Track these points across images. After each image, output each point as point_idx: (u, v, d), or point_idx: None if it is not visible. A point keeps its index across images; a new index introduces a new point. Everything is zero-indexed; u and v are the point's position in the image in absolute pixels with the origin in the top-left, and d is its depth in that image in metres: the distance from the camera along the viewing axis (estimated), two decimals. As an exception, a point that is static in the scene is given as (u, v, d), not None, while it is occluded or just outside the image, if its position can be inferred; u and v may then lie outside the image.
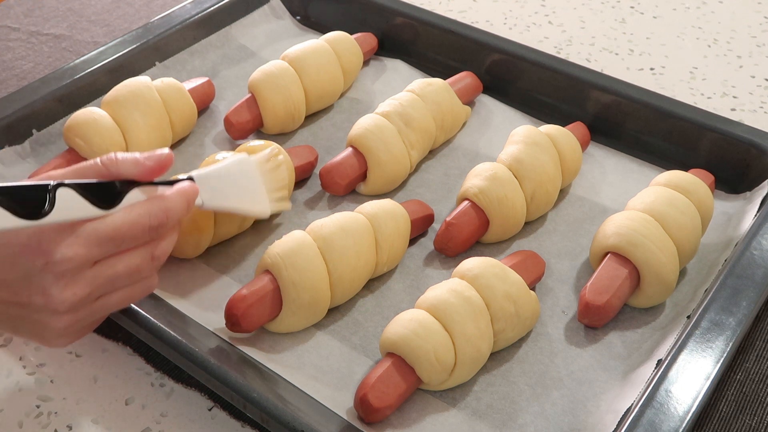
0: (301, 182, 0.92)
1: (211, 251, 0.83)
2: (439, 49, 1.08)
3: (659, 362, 0.69)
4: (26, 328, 0.62)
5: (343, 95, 1.05)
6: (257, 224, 0.86)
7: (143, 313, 0.70)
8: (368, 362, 0.73)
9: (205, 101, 1.01)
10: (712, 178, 0.88)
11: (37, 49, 1.15)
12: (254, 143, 0.85)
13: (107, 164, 0.63)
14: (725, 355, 0.67)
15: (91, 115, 0.88)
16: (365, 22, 1.14)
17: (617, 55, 1.17)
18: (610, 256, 0.77)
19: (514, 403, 0.70)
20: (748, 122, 1.02)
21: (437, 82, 0.96)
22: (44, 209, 0.57)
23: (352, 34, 1.07)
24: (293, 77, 0.97)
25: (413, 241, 0.85)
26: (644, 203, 0.80)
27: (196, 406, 0.71)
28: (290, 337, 0.75)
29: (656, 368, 0.68)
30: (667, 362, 0.66)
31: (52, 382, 0.73)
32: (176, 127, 0.94)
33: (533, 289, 0.79)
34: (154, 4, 1.26)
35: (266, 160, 0.78)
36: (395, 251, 0.79)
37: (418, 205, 0.85)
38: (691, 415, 0.62)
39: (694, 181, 0.82)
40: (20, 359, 0.75)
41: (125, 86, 0.92)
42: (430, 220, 0.86)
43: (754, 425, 0.69)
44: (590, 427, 0.68)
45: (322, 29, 1.14)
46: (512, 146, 0.87)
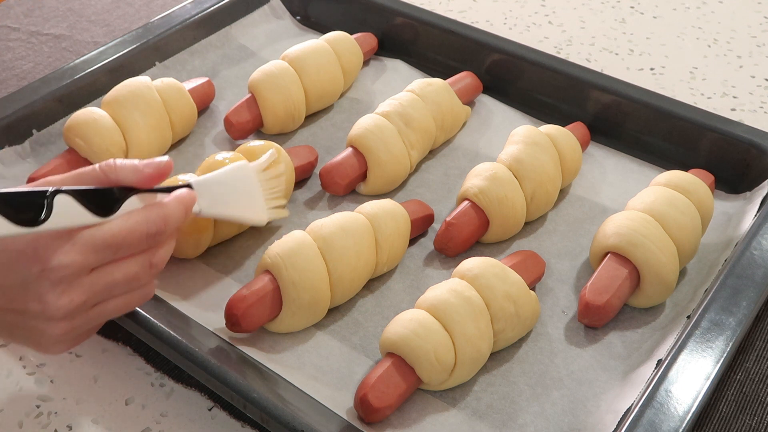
0: (301, 182, 0.92)
1: (211, 251, 0.83)
2: (439, 49, 1.08)
3: (659, 362, 0.69)
4: (23, 334, 0.62)
5: (343, 95, 1.05)
6: (257, 224, 0.86)
7: (143, 313, 0.70)
8: (368, 362, 0.73)
9: (205, 101, 1.01)
10: (712, 178, 0.88)
11: (37, 49, 1.15)
12: (254, 143, 0.85)
13: (106, 170, 0.63)
14: (725, 355, 0.67)
15: (91, 115, 0.88)
16: (365, 22, 1.14)
17: (617, 55, 1.17)
18: (610, 256, 0.77)
19: (514, 403, 0.70)
20: (748, 122, 1.02)
21: (437, 82, 0.96)
22: (42, 216, 0.57)
23: (352, 34, 1.07)
24: (293, 77, 0.97)
25: (413, 241, 0.85)
26: (644, 203, 0.80)
27: (196, 406, 0.71)
28: (290, 337, 0.75)
29: (656, 368, 0.68)
30: (667, 362, 0.66)
31: (52, 382, 0.73)
32: (176, 127, 0.94)
33: (533, 289, 0.79)
34: (154, 4, 1.26)
35: (265, 167, 0.77)
36: (395, 251, 0.79)
37: (418, 205, 0.85)
38: (691, 415, 0.62)
39: (694, 181, 0.82)
40: (20, 359, 0.75)
41: (125, 86, 0.92)
42: (430, 220, 0.86)
43: (754, 425, 0.69)
44: (590, 427, 0.68)
45: (322, 29, 1.14)
46: (512, 146, 0.87)
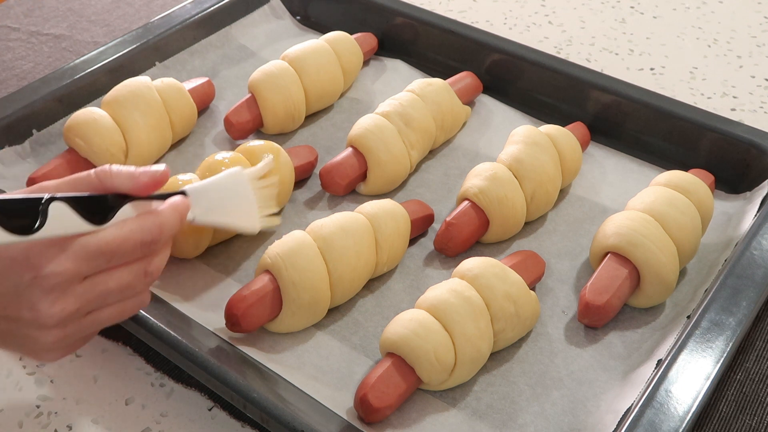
0: (301, 182, 0.92)
1: (211, 251, 0.83)
2: (439, 49, 1.08)
3: (659, 362, 0.69)
4: (16, 342, 0.62)
5: (343, 95, 1.05)
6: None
7: (143, 313, 0.70)
8: (368, 362, 0.73)
9: (205, 101, 1.01)
10: (712, 178, 0.88)
11: (37, 49, 1.15)
12: (254, 143, 0.85)
13: (101, 177, 0.62)
14: (725, 355, 0.67)
15: (91, 115, 0.88)
16: (365, 22, 1.14)
17: (617, 55, 1.17)
18: (610, 256, 0.77)
19: (514, 403, 0.70)
20: (748, 122, 1.02)
21: (437, 82, 0.96)
22: (36, 225, 0.56)
23: (352, 34, 1.07)
24: (293, 77, 0.97)
25: (413, 241, 0.85)
26: (644, 203, 0.80)
27: (196, 406, 0.71)
28: (290, 337, 0.75)
29: (656, 368, 0.68)
30: (667, 362, 0.66)
31: (52, 382, 0.73)
32: (176, 127, 0.94)
33: (533, 289, 0.79)
34: (154, 4, 1.26)
35: (259, 175, 0.76)
36: (395, 251, 0.79)
37: (418, 205, 0.85)
38: (691, 415, 0.62)
39: (694, 181, 0.82)
40: (20, 359, 0.75)
41: (125, 86, 0.92)
42: (430, 220, 0.86)
43: (754, 425, 0.69)
44: (590, 427, 0.68)
45: (322, 29, 1.14)
46: (512, 146, 0.87)
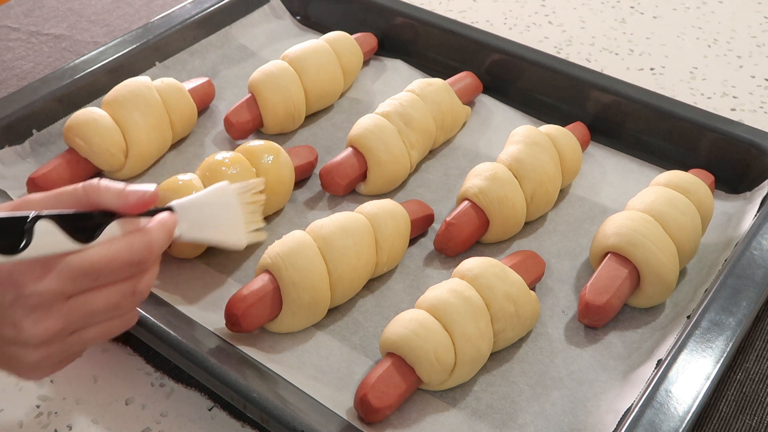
0: (301, 182, 0.92)
1: (211, 251, 0.83)
2: (439, 49, 1.08)
3: (659, 362, 0.69)
4: (0, 359, 0.60)
5: (343, 95, 1.05)
6: (257, 224, 0.86)
7: (143, 313, 0.70)
8: (368, 362, 0.73)
9: (205, 101, 1.01)
10: (712, 178, 0.88)
11: (37, 49, 1.15)
12: (254, 143, 0.85)
13: (89, 191, 0.61)
14: (725, 355, 0.67)
15: (91, 115, 0.88)
16: (365, 22, 1.14)
17: (617, 55, 1.17)
18: (610, 256, 0.77)
19: (514, 403, 0.70)
20: (748, 122, 1.02)
21: (437, 82, 0.96)
22: (21, 245, 0.55)
23: (352, 34, 1.07)
24: (293, 77, 0.97)
25: (413, 241, 0.85)
26: (644, 203, 0.80)
27: (196, 406, 0.71)
28: (290, 337, 0.75)
29: (656, 368, 0.68)
30: (667, 362, 0.66)
31: (52, 382, 0.73)
32: (176, 127, 0.94)
33: (533, 289, 0.79)
34: (154, 4, 1.26)
35: (246, 190, 0.74)
36: (395, 251, 0.79)
37: (418, 205, 0.85)
38: (691, 415, 0.62)
39: (694, 181, 0.82)
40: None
41: (125, 86, 0.92)
42: (430, 220, 0.86)
43: (754, 425, 0.69)
44: (590, 427, 0.68)
45: (322, 29, 1.14)
46: (512, 146, 0.87)
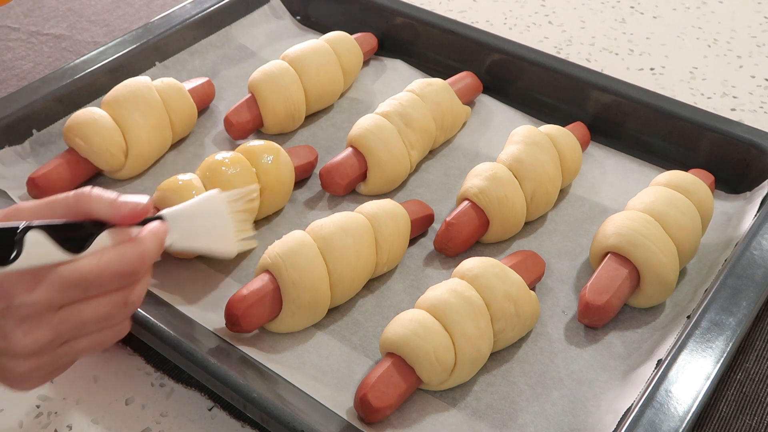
0: (301, 182, 0.92)
1: (211, 251, 0.83)
2: (439, 49, 1.08)
3: (659, 362, 0.69)
4: None
5: (343, 95, 1.05)
6: (257, 224, 0.85)
7: (143, 313, 0.70)
8: (368, 362, 0.73)
9: (205, 101, 1.01)
10: (712, 178, 0.88)
11: (37, 49, 1.15)
12: (254, 143, 0.85)
13: (80, 200, 0.60)
14: (725, 355, 0.67)
15: (91, 115, 0.88)
16: (365, 22, 1.14)
17: (617, 55, 1.17)
18: (610, 256, 0.77)
19: (514, 403, 0.70)
20: (748, 122, 1.02)
21: (437, 82, 0.96)
22: (11, 256, 0.55)
23: (352, 34, 1.07)
24: (293, 77, 0.97)
25: (413, 241, 0.85)
26: (644, 203, 0.80)
27: (196, 406, 0.71)
28: (290, 337, 0.75)
29: (656, 368, 0.68)
30: (667, 362, 0.66)
31: (52, 382, 0.73)
32: (176, 127, 0.94)
33: (533, 289, 0.79)
34: (154, 4, 1.26)
35: (237, 198, 0.73)
36: (395, 251, 0.79)
37: (418, 205, 0.85)
38: (691, 415, 0.62)
39: (694, 181, 0.82)
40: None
41: (125, 86, 0.92)
42: (430, 220, 0.86)
43: (754, 425, 0.69)
44: (590, 427, 0.68)
45: (322, 29, 1.14)
46: (512, 146, 0.87)
